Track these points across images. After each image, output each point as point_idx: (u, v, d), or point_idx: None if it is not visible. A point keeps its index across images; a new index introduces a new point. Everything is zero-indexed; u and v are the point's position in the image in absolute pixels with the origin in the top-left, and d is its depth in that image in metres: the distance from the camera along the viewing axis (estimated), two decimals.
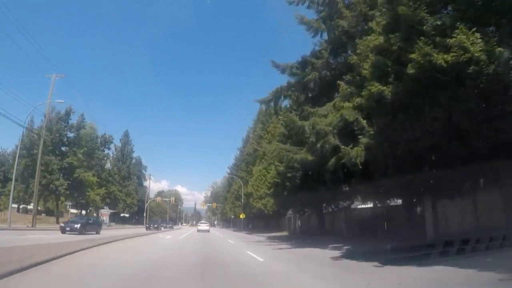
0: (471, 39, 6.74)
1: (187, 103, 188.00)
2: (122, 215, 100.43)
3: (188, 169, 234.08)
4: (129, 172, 78.82)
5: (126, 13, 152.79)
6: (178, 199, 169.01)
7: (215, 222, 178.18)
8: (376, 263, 8.47)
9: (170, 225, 62.72)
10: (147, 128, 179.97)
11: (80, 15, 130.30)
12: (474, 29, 6.89)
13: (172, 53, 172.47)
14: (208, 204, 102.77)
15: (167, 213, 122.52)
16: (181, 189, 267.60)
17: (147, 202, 75.06)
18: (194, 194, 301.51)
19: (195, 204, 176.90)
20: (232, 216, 68.63)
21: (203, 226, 49.01)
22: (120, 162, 77.70)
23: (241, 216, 51.56)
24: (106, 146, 64.18)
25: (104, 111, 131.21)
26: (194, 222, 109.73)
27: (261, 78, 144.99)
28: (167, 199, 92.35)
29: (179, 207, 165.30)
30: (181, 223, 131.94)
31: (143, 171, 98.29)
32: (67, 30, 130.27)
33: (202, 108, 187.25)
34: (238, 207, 55.22)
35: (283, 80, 19.25)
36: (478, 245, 8.03)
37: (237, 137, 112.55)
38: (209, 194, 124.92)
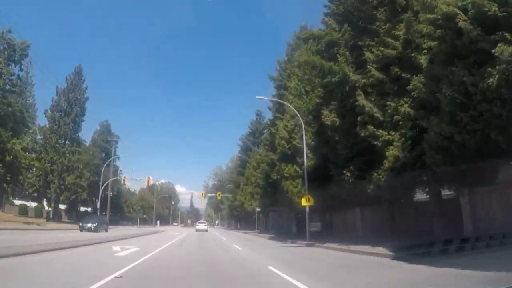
0: None
1: (186, 103, 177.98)
2: (84, 209, 68.87)
3: (187, 169, 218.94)
4: (75, 133, 46.40)
5: (127, 12, 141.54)
6: (172, 193, 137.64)
7: (217, 222, 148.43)
8: None
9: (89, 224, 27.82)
10: (146, 127, 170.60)
11: (80, 15, 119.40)
12: None
13: (171, 53, 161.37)
14: (210, 194, 70.43)
15: (153, 209, 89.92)
16: (180, 188, 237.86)
17: (102, 186, 42.59)
18: (193, 194, 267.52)
19: (191, 198, 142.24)
20: (258, 209, 35.90)
21: (201, 225, 44.93)
22: (61, 114, 45.21)
23: (304, 202, 18.95)
24: (11, 59, 32.20)
25: (103, 112, 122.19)
26: (190, 221, 76.75)
27: (261, 78, 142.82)
28: (136, 179, 59.07)
29: (173, 203, 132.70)
30: (172, 223, 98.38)
31: (114, 144, 66.02)
32: (66, 30, 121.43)
33: (201, 108, 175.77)
34: (293, 181, 22.62)
35: None
36: None
37: (236, 137, 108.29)
38: (210, 183, 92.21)
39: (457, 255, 7.74)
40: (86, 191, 46.49)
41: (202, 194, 63.08)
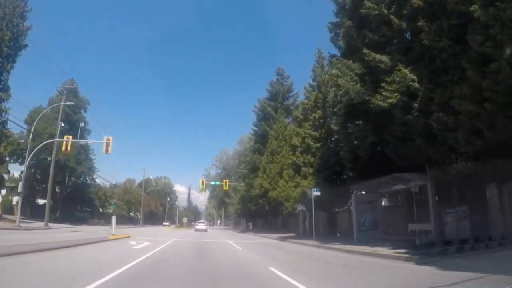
0: None
1: (186, 102, 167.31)
2: (41, 202, 51.88)
3: (187, 167, 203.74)
4: (1, 73, 28.73)
5: (125, 12, 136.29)
6: (168, 189, 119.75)
7: (218, 222, 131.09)
8: None
9: None
10: (145, 127, 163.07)
11: (79, 14, 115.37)
12: None
13: (170, 54, 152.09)
14: (213, 183, 52.58)
15: (140, 205, 71.61)
16: (179, 188, 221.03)
17: (29, 156, 24.81)
18: (193, 193, 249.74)
19: (189, 192, 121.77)
20: (316, 193, 17.43)
21: (201, 225, 41.75)
22: None
23: None
24: None
25: (102, 113, 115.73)
26: (186, 220, 58.23)
27: (261, 80, 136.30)
28: (91, 141, 41.03)
29: (169, 200, 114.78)
30: (165, 222, 79.85)
31: (82, 113, 48.46)
32: (65, 30, 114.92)
33: (200, 109, 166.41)
34: None
35: None
36: None
37: (238, 134, 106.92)
38: (213, 173, 73.95)
39: None
40: (7, 164, 28.42)
41: (203, 182, 45.03)
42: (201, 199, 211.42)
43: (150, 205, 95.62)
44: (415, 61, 11.57)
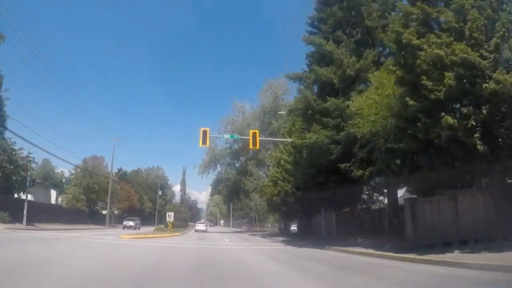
0: None
1: (185, 104, 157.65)
2: None
3: (188, 169, 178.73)
4: None
5: (125, 12, 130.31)
6: (161, 179, 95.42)
7: (222, 222, 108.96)
8: None
9: None
10: (144, 127, 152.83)
11: (78, 14, 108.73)
12: None
13: (171, 54, 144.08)
14: (228, 135, 26.95)
15: (107, 194, 46.54)
16: (179, 188, 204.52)
17: None
18: (192, 194, 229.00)
19: (183, 173, 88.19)
20: None
21: (201, 226, 41.70)
22: None
23: None
24: None
25: (101, 114, 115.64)
26: (170, 217, 32.02)
27: (260, 80, 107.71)
28: None
29: (160, 193, 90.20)
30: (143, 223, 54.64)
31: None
32: (65, 30, 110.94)
33: (200, 109, 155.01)
34: None
35: None
36: None
37: None
38: (220, 144, 48.37)
39: None
40: None
41: (206, 133, 20.48)
42: (202, 199, 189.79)
43: (131, 199, 70.16)
44: None
